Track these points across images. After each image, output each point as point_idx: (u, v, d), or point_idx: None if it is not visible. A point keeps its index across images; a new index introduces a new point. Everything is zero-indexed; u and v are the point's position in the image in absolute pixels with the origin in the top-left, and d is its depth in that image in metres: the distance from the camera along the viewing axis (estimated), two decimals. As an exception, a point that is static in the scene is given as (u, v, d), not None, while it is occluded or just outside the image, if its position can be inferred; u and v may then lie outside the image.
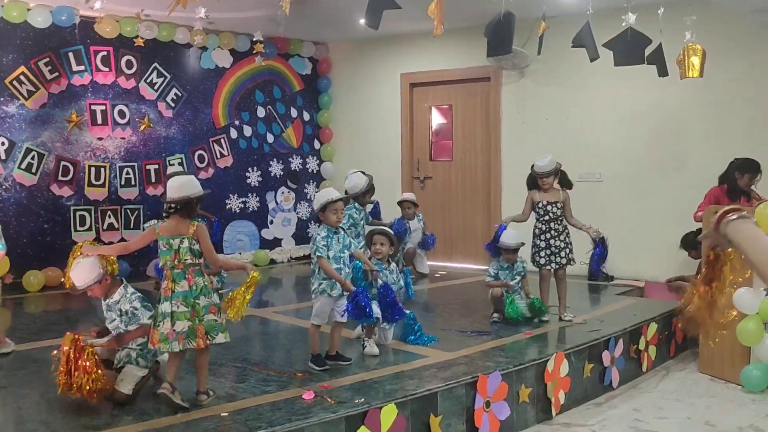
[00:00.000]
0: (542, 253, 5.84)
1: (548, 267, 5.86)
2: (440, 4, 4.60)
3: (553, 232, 5.83)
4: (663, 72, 6.22)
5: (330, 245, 4.45)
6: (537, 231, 5.88)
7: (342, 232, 4.58)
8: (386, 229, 5.36)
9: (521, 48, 8.08)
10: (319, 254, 4.42)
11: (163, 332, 3.68)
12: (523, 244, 5.88)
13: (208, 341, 3.77)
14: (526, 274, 5.95)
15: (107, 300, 4.00)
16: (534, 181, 5.89)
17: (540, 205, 5.83)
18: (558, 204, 5.83)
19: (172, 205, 3.80)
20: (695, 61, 6.15)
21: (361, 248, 5.59)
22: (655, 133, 7.80)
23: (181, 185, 3.83)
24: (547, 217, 5.81)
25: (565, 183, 5.92)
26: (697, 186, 6.77)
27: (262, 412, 3.70)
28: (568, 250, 5.88)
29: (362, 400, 3.83)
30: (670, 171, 7.70)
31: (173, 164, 8.72)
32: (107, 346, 3.99)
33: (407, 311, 5.07)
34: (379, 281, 4.86)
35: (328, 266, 4.42)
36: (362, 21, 5.62)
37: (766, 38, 7.13)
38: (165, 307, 3.71)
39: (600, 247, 6.19)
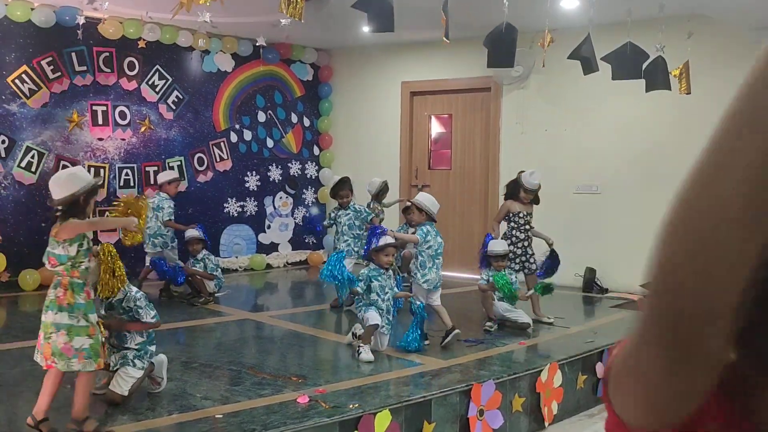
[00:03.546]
0: (518, 260, 6.18)
1: (522, 272, 6.26)
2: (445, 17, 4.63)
3: (528, 240, 6.26)
4: (653, 86, 6.28)
5: None
6: (514, 239, 6.22)
7: None
8: (396, 242, 5.40)
9: (527, 49, 8.11)
10: None
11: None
12: (511, 251, 6.09)
13: (50, 364, 3.44)
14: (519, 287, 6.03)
15: (110, 299, 4.01)
16: (515, 192, 6.14)
17: (521, 214, 6.21)
18: (531, 214, 6.31)
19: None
20: (687, 77, 6.23)
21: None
22: (652, 146, 7.84)
23: (58, 189, 3.53)
24: (527, 227, 6.23)
25: (536, 200, 6.33)
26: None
27: (257, 415, 3.71)
28: (535, 257, 6.33)
29: (356, 405, 3.85)
30: (666, 184, 7.70)
31: (172, 167, 8.75)
32: (108, 323, 3.91)
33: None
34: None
35: None
36: (365, 29, 5.64)
37: (764, 56, 7.18)
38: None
39: (551, 259, 6.49)
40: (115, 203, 3.89)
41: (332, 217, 6.93)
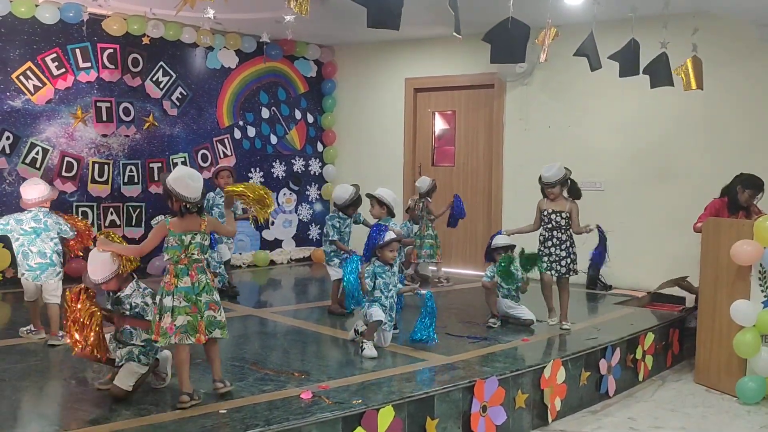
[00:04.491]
0: (544, 259, 5.88)
1: (548, 273, 5.90)
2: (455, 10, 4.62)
3: (555, 240, 5.86)
4: (657, 83, 6.26)
5: None
6: (541, 238, 5.95)
7: None
8: (399, 236, 5.43)
9: (531, 45, 8.05)
10: None
11: (163, 326, 3.78)
12: (513, 245, 5.99)
13: (207, 335, 3.87)
14: (527, 281, 6.00)
15: (118, 294, 4.01)
16: (542, 189, 5.93)
17: (545, 212, 5.88)
18: (563, 213, 5.82)
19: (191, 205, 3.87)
20: (696, 73, 6.19)
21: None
22: (656, 142, 7.83)
23: (199, 186, 3.91)
24: (550, 225, 5.86)
25: (574, 193, 5.91)
26: (697, 196, 6.79)
27: (260, 410, 3.72)
28: (569, 260, 5.87)
29: (360, 401, 3.85)
30: (670, 181, 7.72)
31: (176, 163, 8.76)
32: (110, 316, 4.00)
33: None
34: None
35: None
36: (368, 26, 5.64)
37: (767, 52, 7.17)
38: (167, 301, 3.79)
39: (600, 247, 6.22)
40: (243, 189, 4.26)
41: (336, 226, 6.35)
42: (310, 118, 10.25)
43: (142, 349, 3.99)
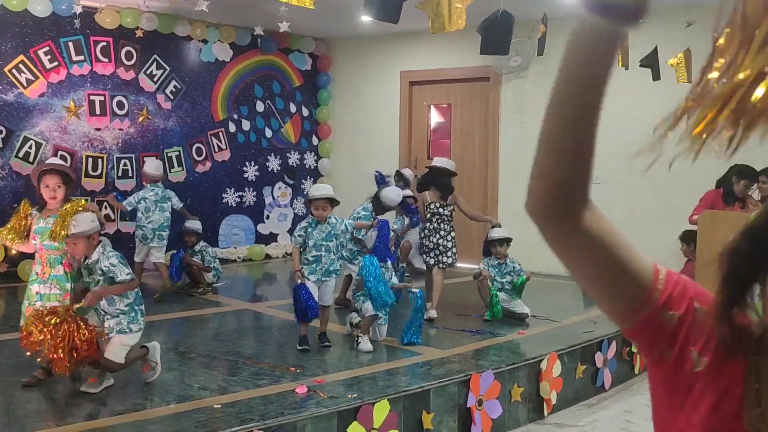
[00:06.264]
0: (431, 253, 6.00)
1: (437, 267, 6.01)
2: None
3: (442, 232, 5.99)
4: (656, 76, 6.25)
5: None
6: (427, 232, 6.04)
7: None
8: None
9: (527, 38, 8.04)
10: None
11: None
12: (510, 238, 6.03)
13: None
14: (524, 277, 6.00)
15: (86, 261, 3.96)
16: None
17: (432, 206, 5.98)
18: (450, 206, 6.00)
19: None
20: (688, 66, 6.18)
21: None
22: (653, 136, 7.80)
23: None
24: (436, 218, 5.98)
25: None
26: (693, 190, 6.79)
27: (255, 405, 3.70)
28: (455, 250, 6.05)
29: (355, 395, 3.84)
30: (666, 174, 7.70)
31: (170, 157, 8.73)
32: (87, 304, 3.88)
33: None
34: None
35: None
36: (363, 18, 5.60)
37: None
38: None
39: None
40: None
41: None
42: (305, 112, 10.21)
43: (131, 318, 3.95)
